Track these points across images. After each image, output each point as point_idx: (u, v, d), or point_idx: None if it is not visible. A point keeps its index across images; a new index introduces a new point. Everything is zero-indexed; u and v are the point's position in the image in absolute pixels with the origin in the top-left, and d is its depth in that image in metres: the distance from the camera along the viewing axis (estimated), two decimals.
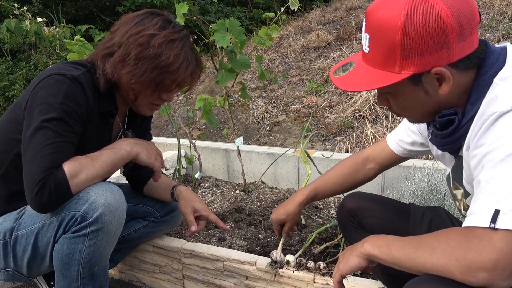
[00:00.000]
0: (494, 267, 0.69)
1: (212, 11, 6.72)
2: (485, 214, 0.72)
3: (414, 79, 0.84)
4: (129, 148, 1.29)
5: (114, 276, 1.86)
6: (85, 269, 1.21)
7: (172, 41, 1.22)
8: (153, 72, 1.21)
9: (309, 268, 1.43)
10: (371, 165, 1.34)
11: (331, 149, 3.07)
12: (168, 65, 1.21)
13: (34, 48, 5.49)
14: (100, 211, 1.16)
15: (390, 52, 0.82)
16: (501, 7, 4.12)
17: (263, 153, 2.54)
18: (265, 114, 3.72)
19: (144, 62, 1.20)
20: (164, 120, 4.26)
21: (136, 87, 1.23)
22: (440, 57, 0.80)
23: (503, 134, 0.74)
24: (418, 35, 0.78)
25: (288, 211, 1.38)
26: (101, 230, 1.18)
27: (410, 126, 1.20)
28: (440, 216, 1.22)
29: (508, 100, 0.75)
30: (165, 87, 1.27)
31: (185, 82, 1.29)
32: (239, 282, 1.56)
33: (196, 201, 1.52)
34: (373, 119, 3.24)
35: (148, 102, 1.31)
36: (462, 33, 0.79)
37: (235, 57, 2.03)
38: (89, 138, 1.28)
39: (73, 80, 1.18)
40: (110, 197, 1.19)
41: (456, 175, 0.98)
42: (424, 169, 1.79)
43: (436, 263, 0.75)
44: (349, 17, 5.36)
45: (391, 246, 0.86)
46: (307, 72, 4.26)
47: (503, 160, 0.72)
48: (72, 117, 1.18)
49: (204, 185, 2.59)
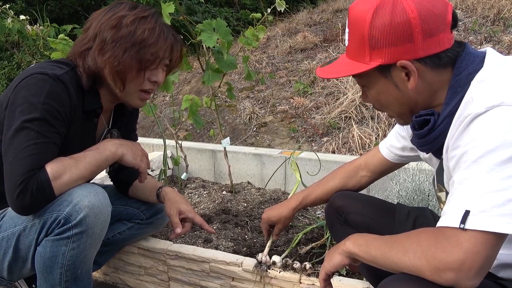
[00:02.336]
0: (460, 267, 0.71)
1: (199, 11, 6.70)
2: (456, 214, 0.74)
3: (383, 71, 0.89)
4: (113, 149, 1.27)
5: (98, 278, 1.83)
6: (68, 272, 1.19)
7: (144, 17, 1.21)
8: (133, 49, 1.18)
9: (295, 268, 1.43)
10: (364, 172, 1.35)
11: (318, 150, 3.08)
12: (145, 39, 1.19)
13: (17, 47, 5.39)
14: (84, 213, 1.14)
15: (361, 44, 0.88)
16: (483, 10, 4.21)
17: (250, 154, 2.54)
18: (252, 115, 3.73)
19: (122, 42, 1.18)
20: (150, 120, 4.23)
21: (120, 69, 1.19)
22: (405, 51, 0.84)
23: (477, 135, 0.75)
24: (383, 28, 0.84)
25: (281, 214, 1.40)
26: (85, 232, 1.16)
27: (400, 131, 1.21)
28: (425, 216, 1.24)
29: (482, 102, 0.77)
30: (149, 63, 1.22)
31: (167, 56, 1.26)
32: (225, 283, 1.55)
33: (181, 203, 1.50)
34: (359, 120, 3.27)
35: (137, 88, 1.27)
36: (427, 30, 0.83)
37: (222, 57, 2.02)
38: (72, 138, 1.25)
39: (56, 80, 1.16)
40: (94, 199, 1.17)
41: (440, 177, 1.00)
42: (409, 170, 1.81)
43: (408, 263, 0.78)
44: (336, 19, 5.40)
45: (369, 245, 0.89)
46: (294, 73, 4.27)
47: (475, 162, 0.74)
48: (55, 118, 1.15)
49: (191, 186, 2.57)
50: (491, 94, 0.77)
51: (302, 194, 1.40)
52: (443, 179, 0.96)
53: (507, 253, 0.88)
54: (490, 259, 0.73)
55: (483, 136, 0.74)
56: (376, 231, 1.25)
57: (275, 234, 1.45)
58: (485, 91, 0.79)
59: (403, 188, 1.73)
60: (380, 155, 1.30)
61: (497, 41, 3.66)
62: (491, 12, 4.10)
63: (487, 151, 0.73)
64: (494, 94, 0.76)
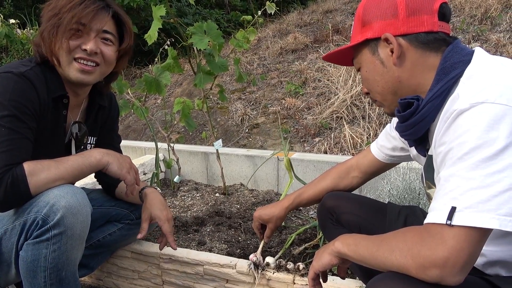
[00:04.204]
0: (445, 264, 0.72)
1: (190, 13, 6.69)
2: (442, 211, 0.75)
3: (371, 48, 0.96)
4: (99, 156, 1.27)
5: (91, 284, 1.82)
6: (52, 275, 1.17)
7: None
8: (54, 18, 1.23)
9: (288, 269, 1.44)
10: (355, 173, 1.36)
11: (310, 150, 3.10)
12: (65, 4, 1.23)
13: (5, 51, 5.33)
14: (61, 213, 1.12)
15: (357, 23, 0.99)
16: (471, 9, 4.26)
17: (242, 155, 2.54)
18: (244, 117, 3.73)
19: (48, 14, 1.25)
20: (142, 123, 4.21)
21: (45, 39, 1.24)
22: (389, 25, 0.92)
23: (461, 132, 0.76)
24: (372, 4, 0.95)
25: (273, 213, 1.41)
26: (64, 233, 1.14)
27: (390, 132, 1.24)
28: (415, 214, 1.25)
29: (468, 98, 0.78)
30: (68, 28, 1.22)
31: (93, 22, 1.25)
32: (219, 285, 1.56)
33: (155, 208, 1.44)
34: (351, 120, 3.29)
35: (69, 57, 1.26)
36: (412, 8, 0.90)
37: (213, 59, 2.03)
38: (42, 131, 1.26)
39: (20, 76, 1.19)
40: (72, 199, 1.15)
41: (428, 174, 1.01)
42: (399, 169, 1.82)
43: (395, 262, 0.79)
44: (326, 19, 5.43)
45: (358, 244, 0.90)
46: (285, 74, 4.29)
47: (460, 158, 0.75)
48: (24, 113, 1.17)
49: (184, 188, 2.57)
50: (476, 91, 0.78)
51: (294, 194, 1.42)
52: (432, 176, 0.97)
53: (495, 249, 0.89)
54: (475, 255, 0.74)
55: (467, 133, 0.75)
56: (367, 230, 1.27)
57: (266, 236, 1.45)
58: (471, 87, 0.80)
59: (394, 187, 1.75)
60: (371, 155, 1.31)
61: (484, 40, 3.71)
62: (479, 11, 4.16)
63: (471, 148, 0.74)
64: (479, 91, 0.78)
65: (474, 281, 0.85)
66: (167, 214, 1.45)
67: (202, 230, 1.97)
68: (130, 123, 4.31)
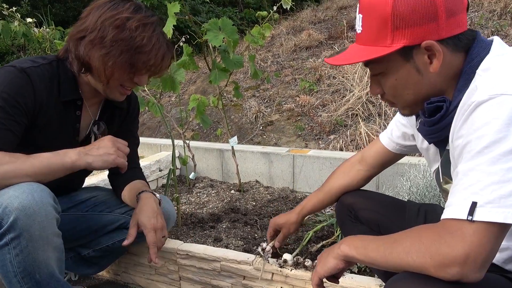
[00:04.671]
0: (465, 261, 0.71)
1: (203, 11, 6.71)
2: (462, 206, 0.73)
3: (405, 54, 0.85)
4: (74, 157, 1.20)
5: (109, 279, 1.84)
6: (25, 279, 1.13)
7: (146, 24, 1.23)
8: (128, 53, 1.21)
9: (306, 266, 1.42)
10: (359, 166, 1.33)
11: (325, 148, 3.07)
12: (142, 46, 1.22)
13: (23, 50, 5.42)
14: (14, 216, 1.06)
15: (382, 25, 0.84)
16: (490, 4, 4.17)
17: (258, 152, 2.54)
18: (258, 114, 3.72)
19: (121, 43, 1.20)
20: (157, 121, 4.24)
21: (111, 68, 1.22)
22: (430, 31, 0.82)
23: (480, 125, 0.74)
24: (408, 6, 0.81)
25: (288, 219, 1.43)
26: (21, 236, 1.07)
27: (400, 119, 1.20)
28: (436, 212, 1.23)
29: (486, 90, 0.76)
30: (138, 69, 1.26)
31: (157, 65, 1.29)
32: (236, 282, 1.55)
33: (143, 215, 1.38)
34: (366, 117, 3.25)
35: (119, 84, 1.29)
36: (450, 9, 0.81)
37: (228, 56, 2.02)
38: (44, 128, 1.27)
39: (21, 71, 1.20)
40: (27, 199, 1.08)
41: (446, 169, 0.98)
42: (419, 166, 1.79)
43: (412, 263, 0.77)
44: (340, 16, 5.38)
45: (367, 247, 0.86)
46: (299, 71, 4.26)
47: (480, 152, 0.73)
48: (13, 106, 1.17)
49: (199, 185, 2.57)
50: (495, 82, 0.76)
51: (305, 200, 1.44)
52: (449, 171, 0.95)
53: None
54: (494, 250, 0.72)
55: (487, 126, 0.73)
56: (386, 227, 1.25)
57: (278, 239, 1.47)
58: (489, 79, 0.78)
59: (414, 184, 1.72)
60: (379, 144, 1.28)
61: (504, 35, 3.63)
62: (498, 6, 4.06)
63: (491, 142, 0.72)
64: (498, 82, 0.76)
65: (494, 278, 0.83)
66: (155, 223, 1.38)
67: (218, 226, 1.97)
68: (145, 120, 4.34)
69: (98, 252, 1.58)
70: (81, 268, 1.63)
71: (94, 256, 1.60)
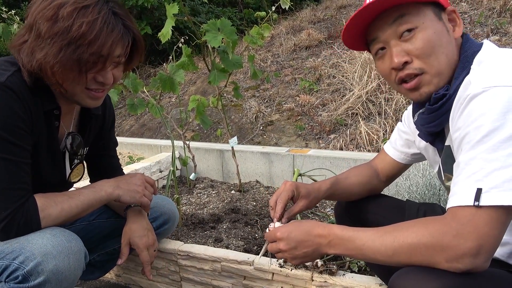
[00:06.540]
0: (479, 252, 0.72)
1: (203, 12, 6.71)
2: (468, 193, 0.74)
3: (437, 13, 0.91)
4: (110, 190, 1.22)
5: (110, 279, 1.85)
6: None
7: (85, 7, 0.99)
8: (69, 48, 0.98)
9: (306, 266, 1.43)
10: (381, 178, 1.33)
11: (325, 147, 3.07)
12: (83, 35, 0.97)
13: None
14: (45, 277, 1.01)
15: None
16: (489, 2, 4.17)
17: (258, 152, 2.54)
18: (258, 114, 3.72)
19: (56, 39, 0.97)
20: (157, 122, 4.24)
21: (57, 70, 1.00)
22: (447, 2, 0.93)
23: (477, 116, 0.76)
24: None
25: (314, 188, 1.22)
26: None
27: (401, 127, 1.23)
28: (434, 211, 1.23)
29: (479, 83, 0.79)
30: (89, 65, 1.02)
31: (113, 54, 1.04)
32: (237, 282, 1.56)
33: (134, 235, 1.36)
34: (366, 116, 3.25)
35: (82, 88, 1.08)
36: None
37: (228, 57, 2.02)
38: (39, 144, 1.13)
39: (3, 89, 0.99)
40: (62, 263, 1.04)
41: (447, 167, 0.99)
42: (419, 165, 1.79)
43: (420, 258, 0.78)
44: (340, 15, 5.38)
45: (363, 248, 0.86)
46: (299, 71, 4.26)
47: (479, 141, 0.75)
48: (14, 133, 1.01)
49: (199, 186, 2.58)
50: (487, 75, 0.79)
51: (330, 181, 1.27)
52: (450, 168, 0.95)
53: None
54: (501, 238, 0.74)
55: (483, 117, 0.75)
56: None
57: (293, 210, 1.17)
58: (482, 72, 0.82)
59: (414, 183, 1.72)
60: (388, 158, 1.29)
61: (503, 33, 3.62)
62: (497, 3, 4.06)
63: (490, 130, 0.74)
64: (490, 75, 0.79)
65: (501, 275, 0.83)
66: (147, 241, 1.37)
67: (218, 227, 1.97)
68: (145, 121, 4.35)
69: (103, 257, 1.57)
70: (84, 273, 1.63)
71: (99, 261, 1.59)
